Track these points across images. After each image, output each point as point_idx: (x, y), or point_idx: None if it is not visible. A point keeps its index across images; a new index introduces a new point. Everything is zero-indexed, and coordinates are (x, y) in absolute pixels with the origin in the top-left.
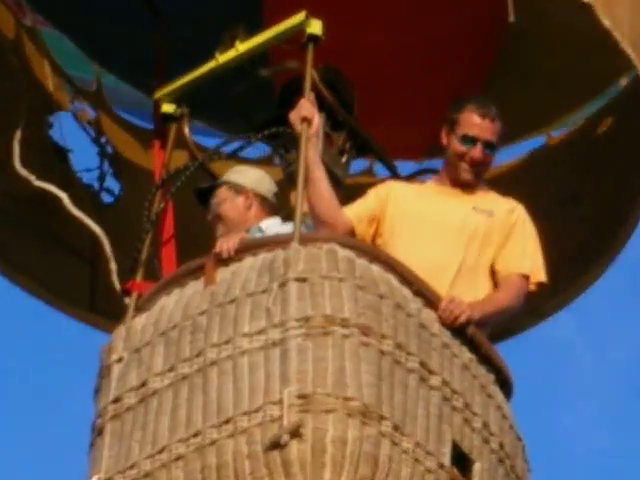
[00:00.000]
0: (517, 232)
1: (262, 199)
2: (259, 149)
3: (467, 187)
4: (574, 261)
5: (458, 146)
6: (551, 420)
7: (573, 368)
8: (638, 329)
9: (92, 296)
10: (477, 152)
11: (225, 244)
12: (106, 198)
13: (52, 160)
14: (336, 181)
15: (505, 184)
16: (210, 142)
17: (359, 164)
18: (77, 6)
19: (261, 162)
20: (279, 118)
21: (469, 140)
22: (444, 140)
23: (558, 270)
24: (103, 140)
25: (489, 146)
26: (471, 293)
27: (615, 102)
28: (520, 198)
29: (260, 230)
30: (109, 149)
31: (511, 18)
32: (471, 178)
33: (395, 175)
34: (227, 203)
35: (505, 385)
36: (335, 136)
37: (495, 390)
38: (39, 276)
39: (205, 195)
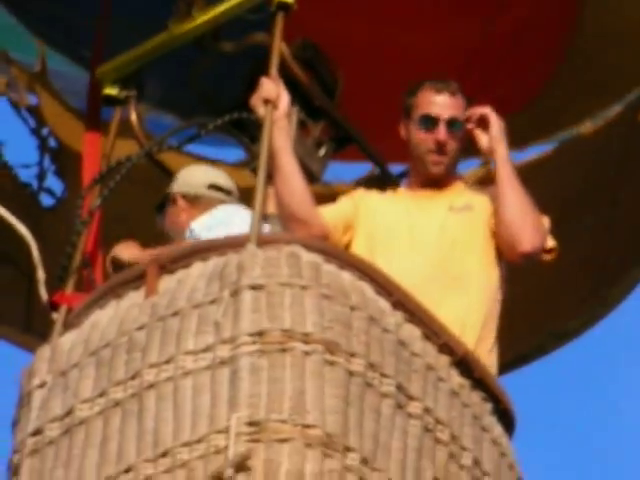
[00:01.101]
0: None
1: (192, 198)
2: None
3: (440, 184)
4: (601, 276)
5: (418, 132)
6: None
7: None
8: None
9: (27, 313)
10: (441, 133)
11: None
12: (46, 200)
13: None
14: (311, 177)
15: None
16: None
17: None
18: None
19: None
20: (246, 102)
21: (429, 121)
22: (403, 133)
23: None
24: (45, 131)
25: (453, 124)
26: (463, 305)
27: None
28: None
29: (191, 232)
30: (52, 142)
31: None
32: (442, 170)
33: (385, 174)
34: (166, 217)
35: (505, 416)
36: (311, 125)
37: (491, 422)
38: None
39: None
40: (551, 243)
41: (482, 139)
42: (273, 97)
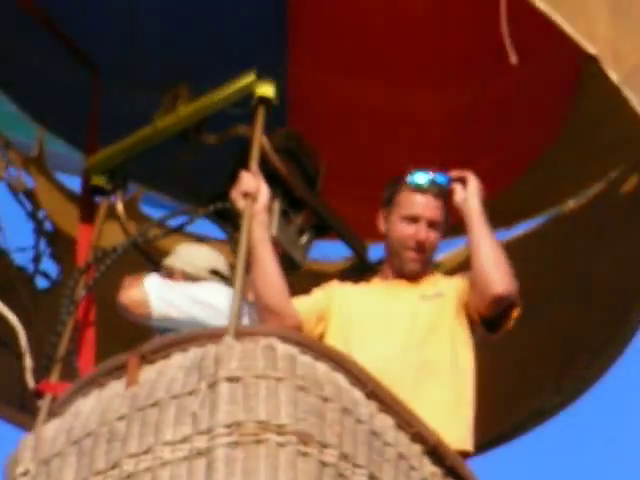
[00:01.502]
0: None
1: (192, 278)
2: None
3: (414, 279)
4: (579, 353)
5: (398, 228)
6: None
7: None
8: None
9: (22, 393)
10: (421, 233)
11: None
12: (41, 282)
13: None
14: (293, 264)
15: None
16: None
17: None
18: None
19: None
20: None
21: (410, 220)
22: (382, 226)
23: (562, 364)
24: (41, 215)
25: (433, 225)
26: (441, 393)
27: None
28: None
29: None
30: (48, 225)
31: (513, 59)
32: (418, 268)
33: (363, 262)
34: None
35: None
36: (293, 214)
37: None
38: None
39: None
40: (516, 313)
41: (458, 192)
42: (252, 191)
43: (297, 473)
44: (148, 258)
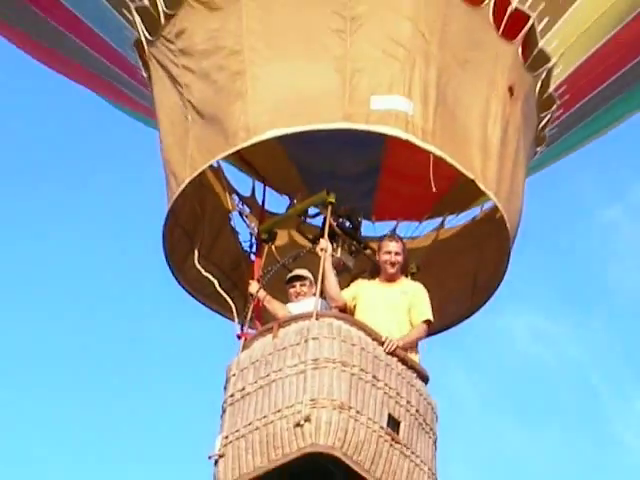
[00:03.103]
0: (418, 299)
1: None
2: None
3: (393, 280)
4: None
5: (383, 257)
6: None
7: None
8: None
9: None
10: (391, 258)
11: None
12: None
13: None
14: (347, 268)
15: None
16: None
17: None
18: None
19: None
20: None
21: (387, 253)
22: (378, 257)
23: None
24: (252, 226)
25: (397, 254)
26: (400, 330)
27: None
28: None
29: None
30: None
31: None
32: (393, 273)
33: (373, 270)
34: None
35: (423, 378)
36: (348, 247)
37: (416, 382)
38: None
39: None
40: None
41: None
42: (324, 248)
43: (340, 380)
44: (289, 270)
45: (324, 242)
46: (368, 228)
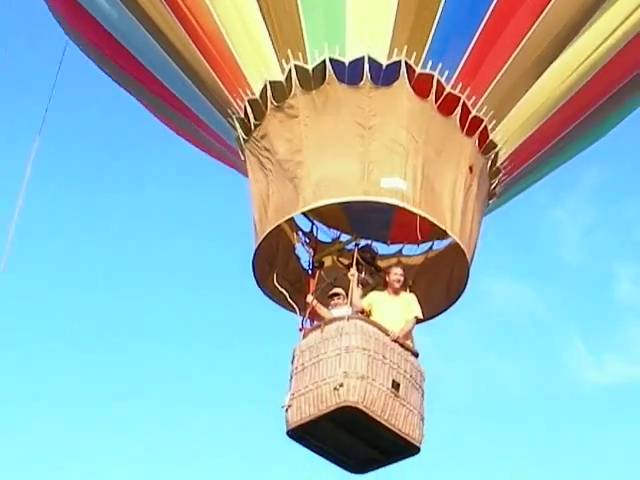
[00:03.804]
0: (411, 304)
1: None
2: None
3: (397, 293)
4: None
5: (391, 277)
6: None
7: None
8: None
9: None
10: (397, 278)
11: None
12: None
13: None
14: (368, 283)
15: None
16: None
17: None
18: None
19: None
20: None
21: (394, 274)
22: (388, 277)
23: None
24: (310, 252)
25: (401, 275)
26: (401, 327)
27: None
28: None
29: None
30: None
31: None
32: (397, 288)
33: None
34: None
35: (415, 354)
36: (367, 269)
37: (410, 358)
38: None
39: None
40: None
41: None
42: (353, 273)
43: (363, 361)
44: (335, 287)
45: (353, 270)
46: (384, 248)
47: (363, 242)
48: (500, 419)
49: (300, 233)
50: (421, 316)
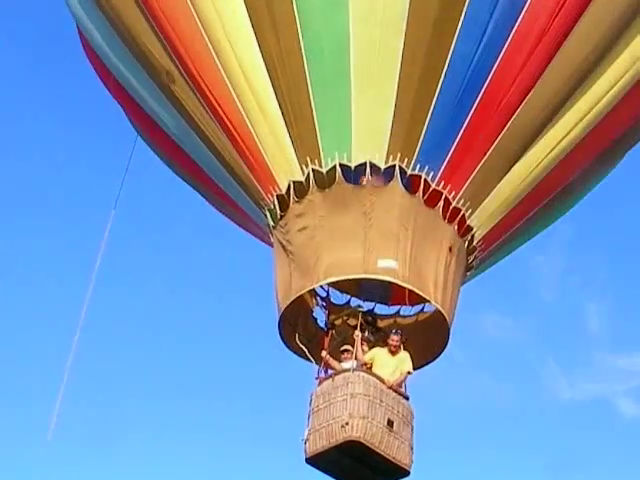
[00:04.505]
0: (405, 360)
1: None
2: None
3: (394, 353)
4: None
5: (391, 342)
6: None
7: None
8: None
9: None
10: (395, 343)
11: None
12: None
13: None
14: (370, 341)
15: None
16: None
17: None
18: None
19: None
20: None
21: (392, 340)
22: (389, 340)
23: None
24: (324, 314)
25: (398, 341)
26: (396, 378)
27: None
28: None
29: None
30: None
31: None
32: (395, 350)
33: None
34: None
35: (406, 398)
36: (370, 329)
37: (403, 400)
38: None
39: None
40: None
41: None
42: (358, 334)
43: (364, 402)
44: (345, 343)
45: (357, 332)
46: (384, 309)
47: (366, 307)
48: (489, 429)
49: (318, 298)
50: (412, 370)
